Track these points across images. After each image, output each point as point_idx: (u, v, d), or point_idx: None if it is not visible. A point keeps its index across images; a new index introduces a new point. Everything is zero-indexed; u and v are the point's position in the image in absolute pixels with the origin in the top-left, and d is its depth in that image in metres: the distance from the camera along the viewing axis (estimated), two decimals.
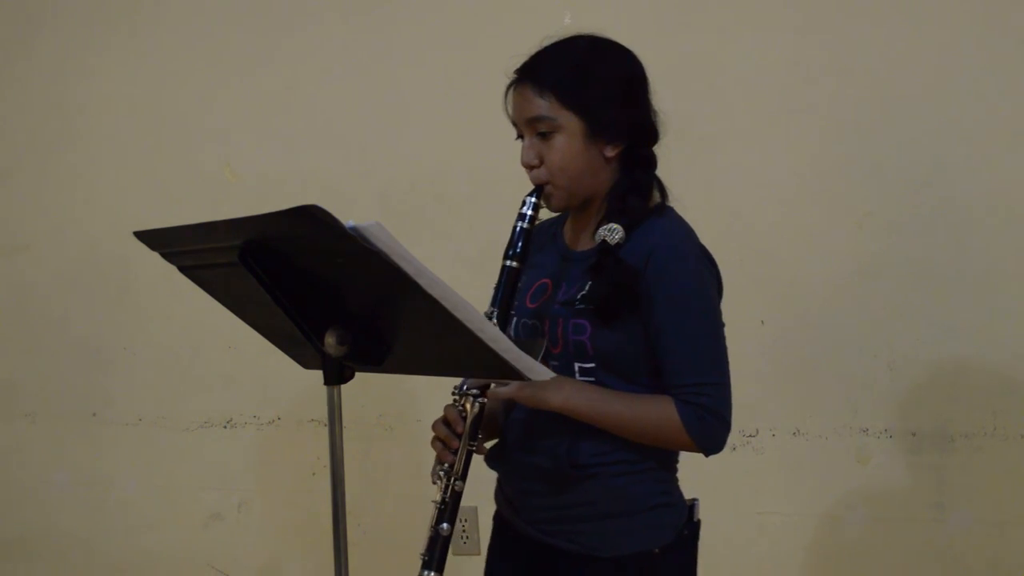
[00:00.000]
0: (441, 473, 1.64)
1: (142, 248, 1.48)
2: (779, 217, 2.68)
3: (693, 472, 2.78)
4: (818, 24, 2.65)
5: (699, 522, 1.75)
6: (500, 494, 1.83)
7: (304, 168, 3.03)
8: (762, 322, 2.71)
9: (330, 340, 1.34)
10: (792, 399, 2.69)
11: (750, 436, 2.72)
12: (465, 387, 1.65)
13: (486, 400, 1.64)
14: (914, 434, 2.61)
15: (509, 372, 1.32)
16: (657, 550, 1.66)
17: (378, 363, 1.38)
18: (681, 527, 1.71)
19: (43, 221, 3.27)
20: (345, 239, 1.19)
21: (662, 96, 2.76)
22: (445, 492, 1.62)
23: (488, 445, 1.77)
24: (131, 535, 3.23)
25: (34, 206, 3.28)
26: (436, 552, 1.62)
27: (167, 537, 3.20)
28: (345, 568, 1.40)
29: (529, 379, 1.34)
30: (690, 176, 2.74)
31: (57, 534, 3.29)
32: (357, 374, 1.39)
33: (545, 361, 1.67)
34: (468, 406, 1.64)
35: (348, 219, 1.18)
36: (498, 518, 1.85)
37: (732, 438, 2.68)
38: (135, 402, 3.21)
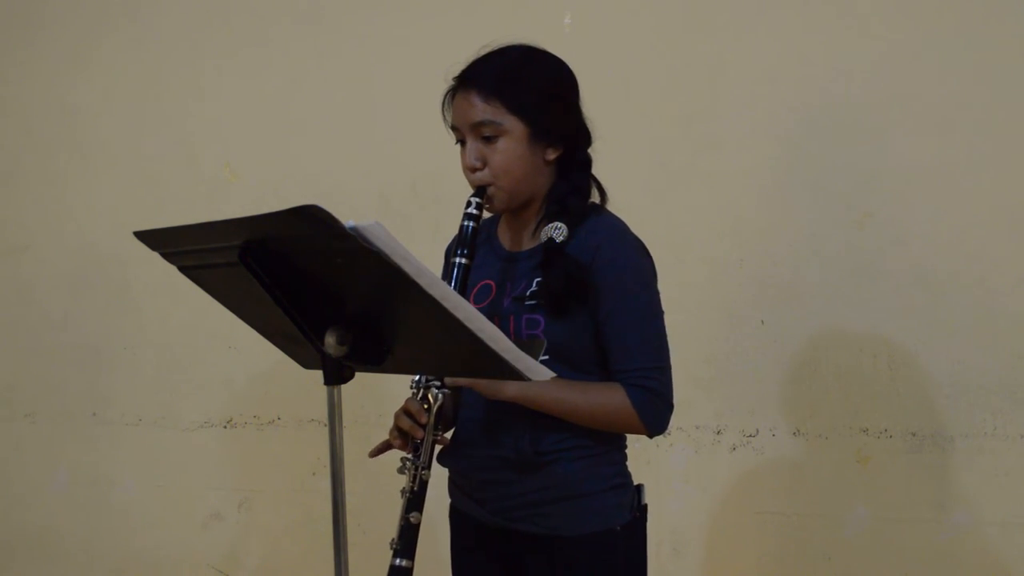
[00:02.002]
0: (408, 464, 1.69)
1: (142, 248, 1.48)
2: (779, 217, 2.68)
3: (694, 472, 2.78)
4: (818, 24, 2.65)
5: (646, 506, 1.83)
6: (456, 490, 1.88)
7: (304, 168, 3.03)
8: (762, 322, 2.71)
9: (330, 340, 1.34)
10: (792, 399, 2.69)
11: (750, 436, 2.72)
12: (425, 379, 1.71)
13: (448, 391, 1.71)
14: (914, 434, 2.61)
15: (509, 372, 1.33)
16: (619, 528, 1.75)
17: (378, 363, 1.38)
18: (635, 508, 1.80)
19: (43, 221, 3.27)
20: (345, 239, 1.19)
21: (662, 96, 2.78)
22: (413, 482, 1.68)
23: (447, 436, 1.82)
24: (131, 535, 3.23)
25: (34, 206, 3.28)
26: (407, 540, 1.67)
27: (167, 537, 3.20)
28: (345, 568, 1.40)
29: (529, 379, 1.35)
30: (690, 176, 2.76)
31: (57, 534, 3.29)
32: (357, 374, 1.39)
33: None
34: (431, 397, 1.70)
35: (348, 219, 1.18)
36: (455, 513, 1.90)
37: (732, 438, 2.73)
38: (135, 402, 3.21)
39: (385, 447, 1.79)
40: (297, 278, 1.33)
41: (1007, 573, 2.56)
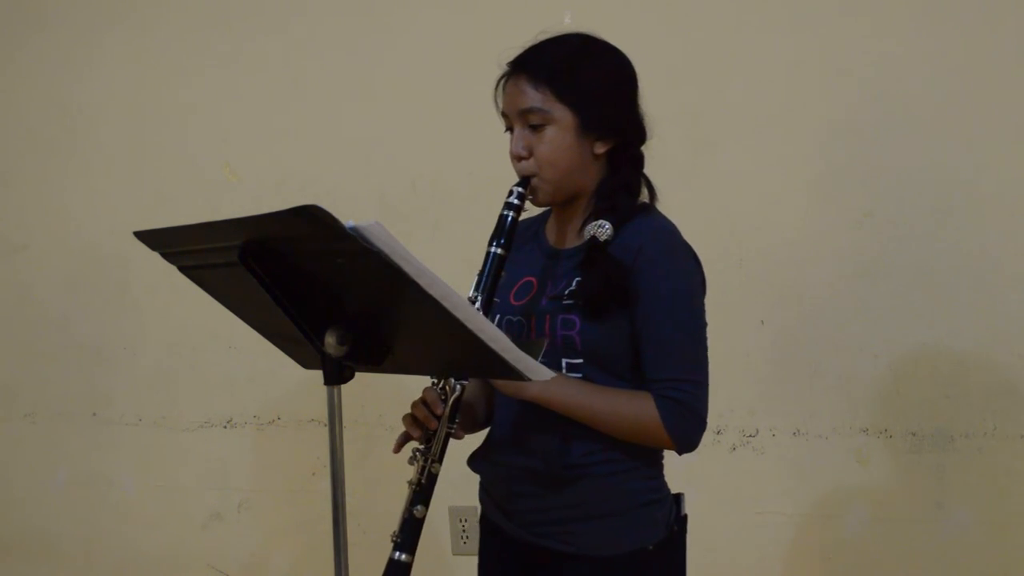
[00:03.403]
0: (417, 454, 1.63)
1: (142, 248, 1.48)
2: (779, 217, 2.68)
3: (694, 472, 2.78)
4: (818, 24, 2.65)
5: (686, 516, 1.75)
6: (487, 498, 1.82)
7: (304, 168, 3.03)
8: (762, 322, 2.71)
9: (330, 340, 1.34)
10: (792, 399, 2.68)
11: (750, 436, 2.72)
12: None
13: (467, 382, 1.65)
14: (914, 434, 2.61)
15: (509, 372, 1.32)
16: (651, 547, 1.67)
17: (378, 363, 1.38)
18: (671, 523, 1.71)
19: (43, 221, 3.27)
20: (345, 239, 1.19)
21: (662, 96, 2.76)
22: (421, 474, 1.62)
23: (465, 434, 1.75)
24: (131, 535, 3.23)
25: (34, 206, 3.28)
26: (408, 534, 1.61)
27: (167, 537, 3.20)
28: (345, 568, 1.40)
29: (529, 379, 1.34)
30: (691, 176, 2.76)
31: (57, 534, 3.29)
32: (357, 374, 1.39)
33: None
34: (448, 388, 1.64)
35: (348, 219, 1.18)
36: (485, 521, 1.84)
37: (732, 438, 2.73)
38: (135, 402, 3.21)
39: (405, 439, 1.68)
40: (297, 278, 1.32)
41: (1007, 573, 2.56)
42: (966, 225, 2.56)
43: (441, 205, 2.94)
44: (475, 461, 1.80)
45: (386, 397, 2.98)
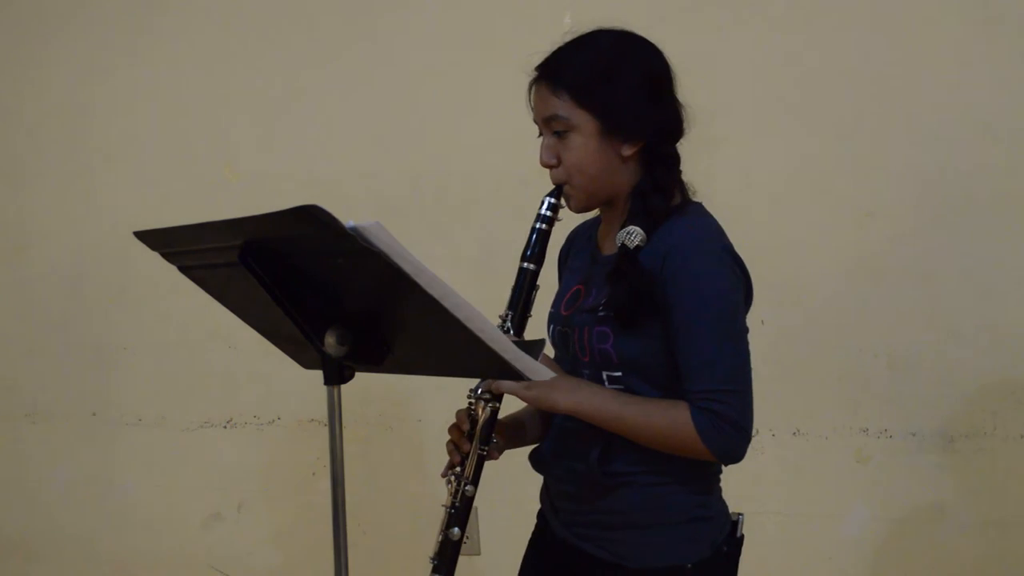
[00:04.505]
0: (452, 477, 1.63)
1: (142, 248, 1.48)
2: (780, 217, 2.68)
3: None
4: (818, 23, 2.65)
5: (742, 537, 1.70)
6: (545, 495, 1.80)
7: (304, 168, 3.03)
8: (762, 322, 2.69)
9: (330, 340, 1.34)
10: (792, 399, 2.68)
11: None
12: (480, 391, 1.64)
13: (498, 405, 1.63)
14: (914, 434, 2.61)
15: (509, 372, 1.32)
16: (690, 565, 1.62)
17: (378, 363, 1.38)
18: (720, 542, 1.66)
19: (43, 221, 3.27)
20: (345, 239, 1.19)
21: None
22: (455, 496, 1.62)
23: (506, 450, 1.74)
24: (131, 535, 3.23)
25: (34, 206, 3.28)
26: (446, 557, 1.63)
27: (167, 537, 3.20)
28: (345, 568, 1.40)
29: (529, 379, 1.34)
30: (690, 176, 2.75)
31: (57, 534, 3.29)
32: (357, 374, 1.39)
33: (577, 370, 1.67)
34: (480, 410, 1.63)
35: (348, 219, 1.18)
36: (540, 517, 1.84)
37: None
38: (135, 402, 3.21)
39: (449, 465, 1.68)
40: (297, 278, 1.32)
41: (1007, 573, 2.56)
42: (966, 225, 2.56)
43: (441, 205, 2.94)
44: (534, 461, 1.79)
45: (386, 397, 2.99)
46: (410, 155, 2.96)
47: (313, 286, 1.33)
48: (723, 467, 1.71)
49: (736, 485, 2.74)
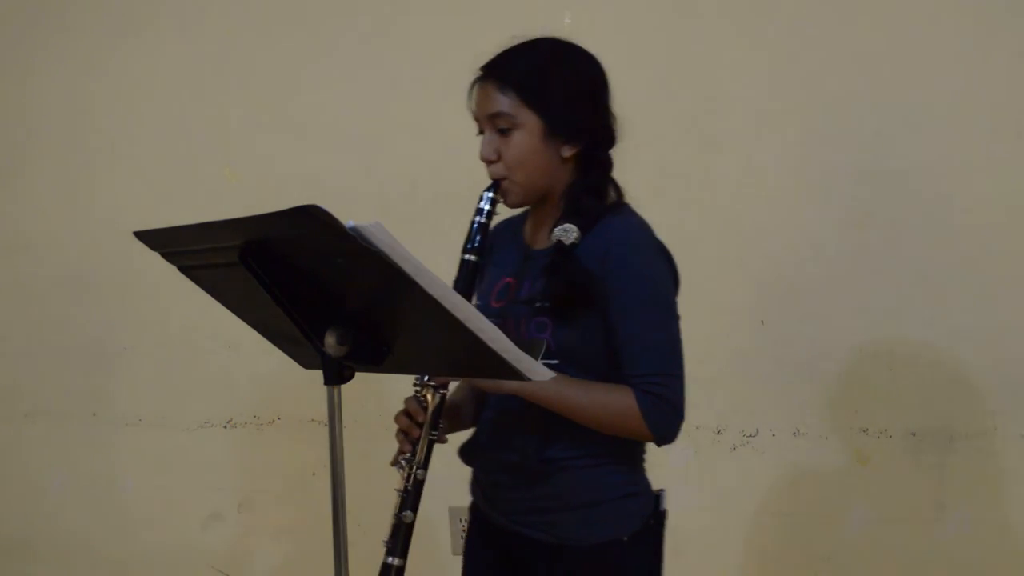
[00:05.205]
0: (403, 462, 1.70)
1: (142, 248, 1.48)
2: (779, 217, 2.68)
3: (694, 472, 2.78)
4: (818, 24, 2.65)
5: (665, 511, 1.79)
6: (476, 487, 1.88)
7: (304, 168, 3.03)
8: (762, 322, 2.71)
9: (330, 340, 1.34)
10: (792, 399, 2.69)
11: (750, 436, 2.72)
12: (426, 378, 1.71)
13: (446, 391, 1.70)
14: (914, 434, 2.61)
15: (509, 372, 1.32)
16: (626, 538, 1.72)
17: (378, 363, 1.38)
18: (648, 516, 1.76)
19: (43, 221, 3.27)
20: (345, 239, 1.19)
21: (662, 96, 2.77)
22: (407, 481, 1.69)
23: (448, 436, 1.81)
24: (131, 535, 3.23)
25: (34, 206, 3.28)
26: (399, 539, 1.68)
27: (167, 537, 3.20)
28: (345, 568, 1.40)
29: (529, 379, 1.34)
30: (690, 176, 2.76)
31: (57, 534, 3.29)
32: (357, 374, 1.39)
33: None
34: (429, 397, 1.69)
35: (348, 219, 1.18)
36: (474, 509, 1.91)
37: (732, 438, 2.73)
38: (135, 402, 3.21)
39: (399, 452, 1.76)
40: (297, 278, 1.33)
41: (1007, 573, 2.56)
42: (966, 225, 2.56)
43: (441, 205, 2.93)
44: (463, 455, 1.86)
45: (386, 397, 2.98)
46: (410, 155, 2.96)
47: (313, 286, 1.34)
48: (647, 447, 1.80)
49: (736, 485, 2.75)
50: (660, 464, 2.84)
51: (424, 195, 2.95)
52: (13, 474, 3.33)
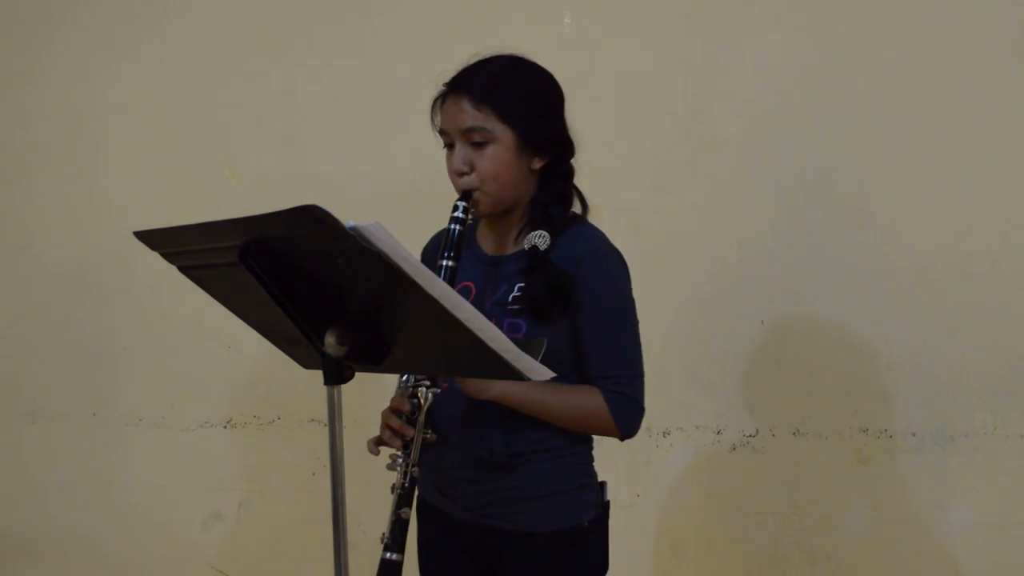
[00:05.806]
0: (399, 461, 1.76)
1: (143, 248, 1.48)
2: (779, 217, 2.68)
3: (694, 472, 2.78)
4: (818, 23, 2.65)
5: (608, 502, 1.91)
6: (427, 485, 1.92)
7: (304, 168, 3.03)
8: (762, 322, 2.71)
9: (330, 340, 1.34)
10: (792, 399, 2.69)
11: (750, 436, 2.72)
12: (414, 378, 1.77)
13: (439, 389, 1.77)
14: (914, 434, 2.61)
15: (509, 372, 1.33)
16: (586, 523, 1.85)
17: (378, 363, 1.39)
18: (600, 504, 1.89)
19: (43, 221, 3.27)
20: (345, 239, 1.19)
21: (662, 96, 2.78)
22: (404, 478, 1.75)
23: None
24: (131, 535, 3.23)
25: (35, 206, 3.28)
26: (398, 535, 1.74)
27: (167, 537, 3.20)
28: (345, 568, 1.40)
29: (529, 379, 1.35)
30: (691, 176, 2.76)
31: (57, 534, 3.29)
32: (357, 374, 1.39)
33: None
34: (422, 396, 1.76)
35: (348, 219, 1.18)
36: (423, 507, 1.95)
37: (732, 438, 2.73)
38: (135, 402, 3.21)
39: (379, 442, 1.84)
40: (297, 278, 1.33)
41: (1007, 573, 2.56)
42: (965, 225, 2.56)
43: (441, 205, 2.92)
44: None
45: (386, 397, 2.98)
46: (410, 155, 2.95)
47: (313, 286, 1.34)
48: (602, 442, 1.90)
49: (735, 484, 2.75)
50: (660, 464, 2.85)
51: (424, 195, 2.95)
52: (13, 474, 3.33)
